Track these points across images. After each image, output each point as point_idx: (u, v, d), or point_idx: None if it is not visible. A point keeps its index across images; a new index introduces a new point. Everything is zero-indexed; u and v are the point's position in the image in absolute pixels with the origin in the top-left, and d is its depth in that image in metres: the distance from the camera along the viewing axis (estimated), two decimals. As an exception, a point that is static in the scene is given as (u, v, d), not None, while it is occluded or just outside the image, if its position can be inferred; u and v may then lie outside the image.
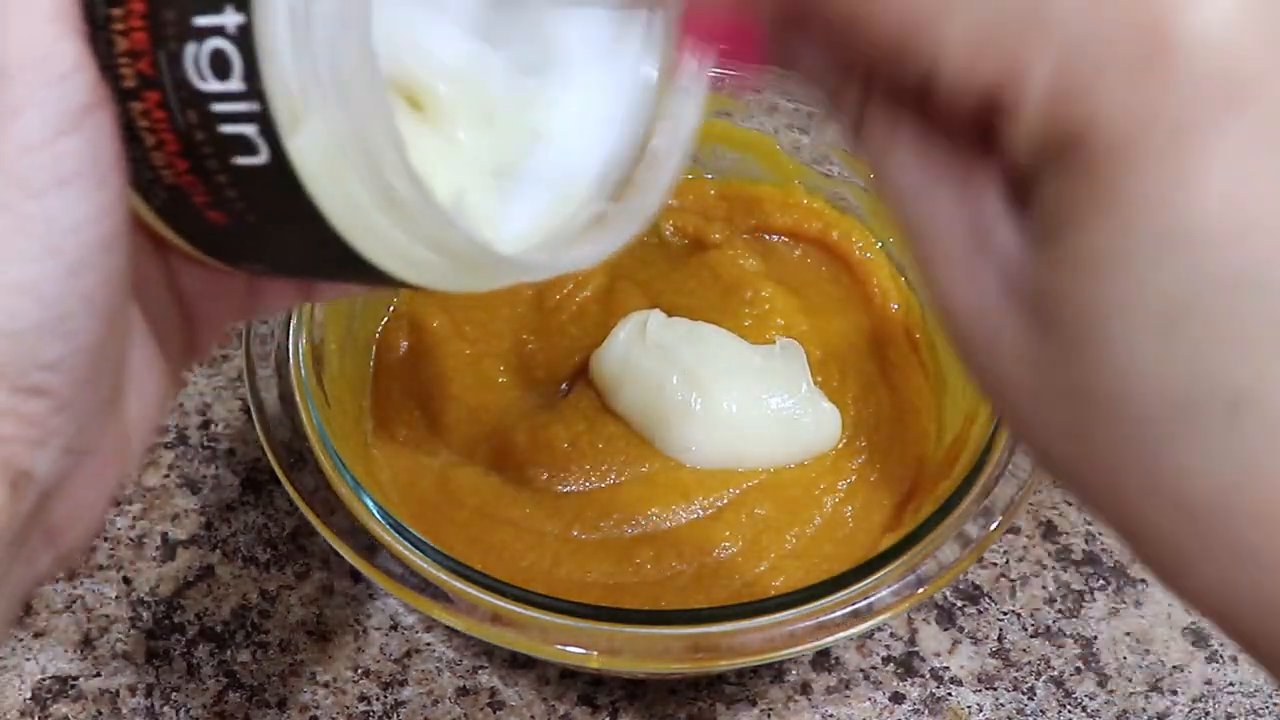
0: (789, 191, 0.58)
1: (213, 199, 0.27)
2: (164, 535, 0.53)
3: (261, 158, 0.26)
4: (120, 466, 0.30)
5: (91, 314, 0.26)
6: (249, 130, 0.25)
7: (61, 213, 0.25)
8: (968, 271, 0.23)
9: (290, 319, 0.48)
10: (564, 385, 0.53)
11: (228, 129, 0.26)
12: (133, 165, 0.27)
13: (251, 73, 0.25)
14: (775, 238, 0.59)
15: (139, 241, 0.30)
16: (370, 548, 0.43)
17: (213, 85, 0.25)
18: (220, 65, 0.25)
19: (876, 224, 0.57)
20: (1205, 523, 0.21)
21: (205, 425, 0.56)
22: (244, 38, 0.24)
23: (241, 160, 0.26)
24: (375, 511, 0.44)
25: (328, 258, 0.28)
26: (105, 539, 0.52)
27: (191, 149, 0.26)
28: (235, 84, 0.25)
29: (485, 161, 0.32)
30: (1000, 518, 0.44)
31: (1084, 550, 0.53)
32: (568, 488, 0.49)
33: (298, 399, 0.46)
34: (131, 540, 0.52)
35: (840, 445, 0.51)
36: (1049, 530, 0.54)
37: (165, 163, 0.27)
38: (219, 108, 0.25)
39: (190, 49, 0.25)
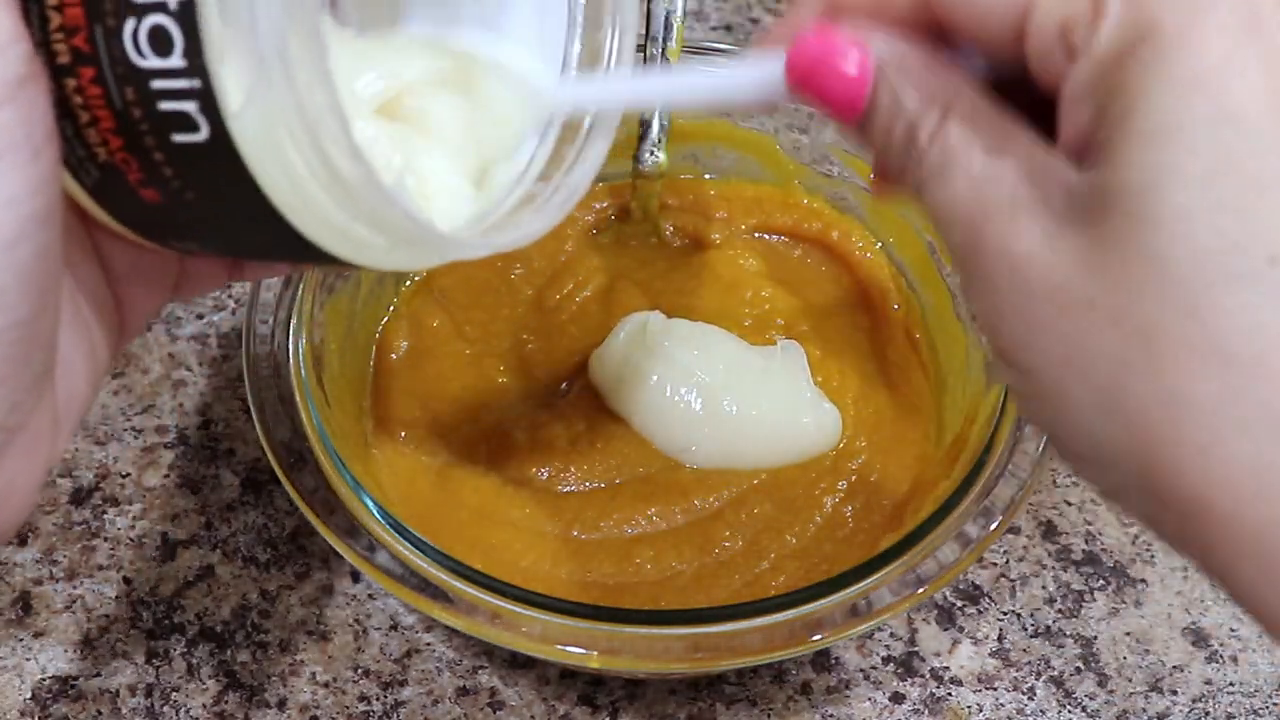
0: (789, 191, 0.58)
1: (147, 177, 0.27)
2: (164, 535, 0.53)
3: (201, 135, 0.25)
4: (51, 445, 0.30)
5: (23, 287, 0.25)
6: (189, 107, 0.25)
7: None
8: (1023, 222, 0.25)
9: (290, 319, 0.48)
10: (564, 385, 0.53)
11: (167, 106, 0.25)
12: (64, 143, 0.26)
13: (193, 49, 0.24)
14: (775, 238, 0.59)
15: (69, 221, 0.29)
16: (370, 548, 0.43)
17: (152, 62, 0.25)
18: (160, 42, 0.24)
19: (876, 224, 0.57)
20: (1239, 376, 0.22)
21: (205, 425, 0.56)
22: (186, 14, 0.24)
23: (180, 138, 0.26)
24: (375, 511, 0.44)
25: (264, 236, 0.28)
26: (105, 539, 0.52)
27: (128, 126, 0.26)
28: (176, 61, 0.25)
29: (423, 142, 0.32)
30: (1000, 518, 0.44)
31: (1084, 550, 0.53)
32: (568, 488, 0.50)
33: (298, 399, 0.46)
34: (131, 540, 0.52)
35: (840, 445, 0.51)
36: (1049, 530, 0.54)
37: (99, 140, 0.26)
38: (158, 85, 0.25)
39: (129, 25, 0.25)
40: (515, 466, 0.50)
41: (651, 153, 0.56)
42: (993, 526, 0.44)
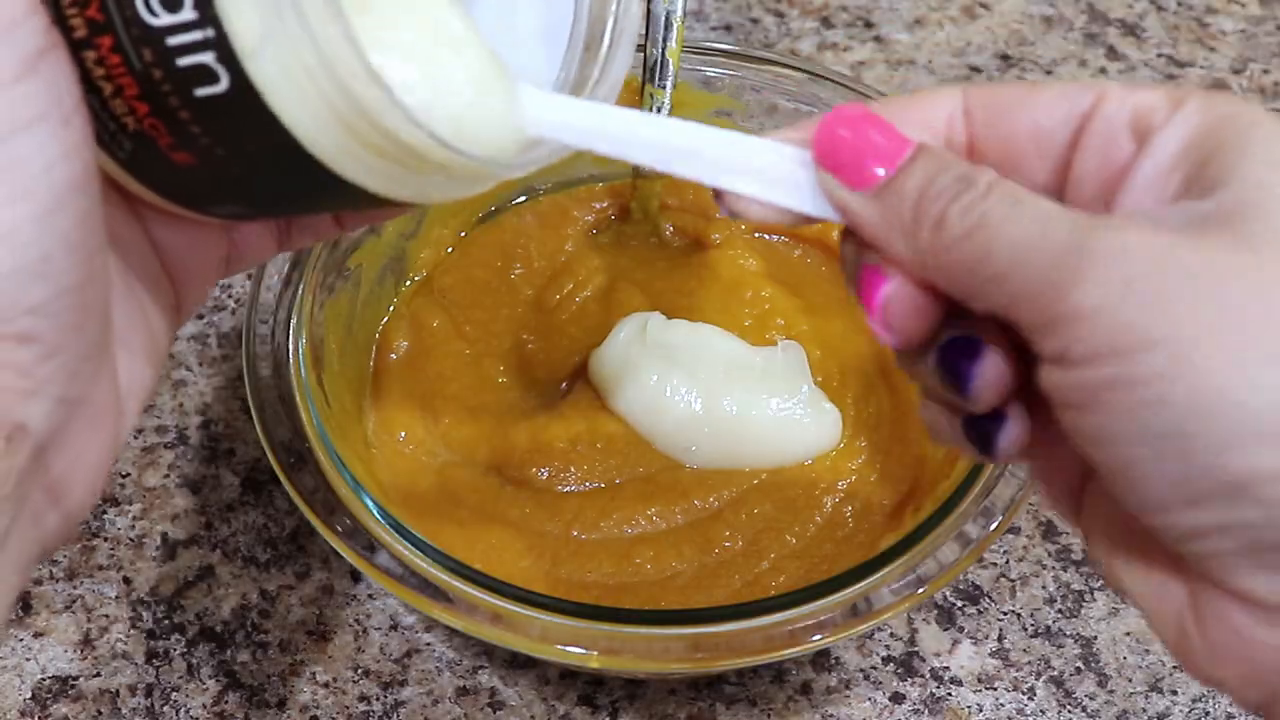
0: (789, 191, 0.58)
1: (178, 139, 0.27)
2: (164, 535, 0.53)
3: (222, 85, 0.26)
4: (117, 422, 0.30)
5: (69, 254, 0.26)
6: (207, 58, 0.25)
7: (30, 155, 0.25)
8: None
9: (290, 319, 0.48)
10: (564, 385, 0.53)
11: (185, 61, 0.25)
12: (94, 119, 0.27)
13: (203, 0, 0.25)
14: (775, 238, 0.59)
15: (112, 200, 0.30)
16: (370, 548, 0.43)
17: (165, 19, 0.25)
18: None
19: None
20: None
21: (205, 425, 0.56)
22: None
23: (203, 91, 0.26)
24: (375, 511, 0.44)
25: (300, 182, 0.28)
26: (105, 539, 0.52)
27: (151, 89, 0.26)
28: (188, 13, 0.25)
29: (449, 67, 0.31)
30: (1000, 518, 0.44)
31: (1084, 550, 0.53)
32: (567, 488, 0.50)
33: (298, 399, 0.46)
34: (131, 540, 0.52)
35: (840, 446, 0.51)
36: (1049, 530, 0.54)
37: (126, 109, 0.27)
38: (174, 40, 0.25)
39: None
40: (515, 466, 0.50)
41: (651, 153, 0.55)
42: (993, 526, 0.44)
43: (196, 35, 0.25)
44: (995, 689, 0.49)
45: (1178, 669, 0.50)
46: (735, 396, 0.50)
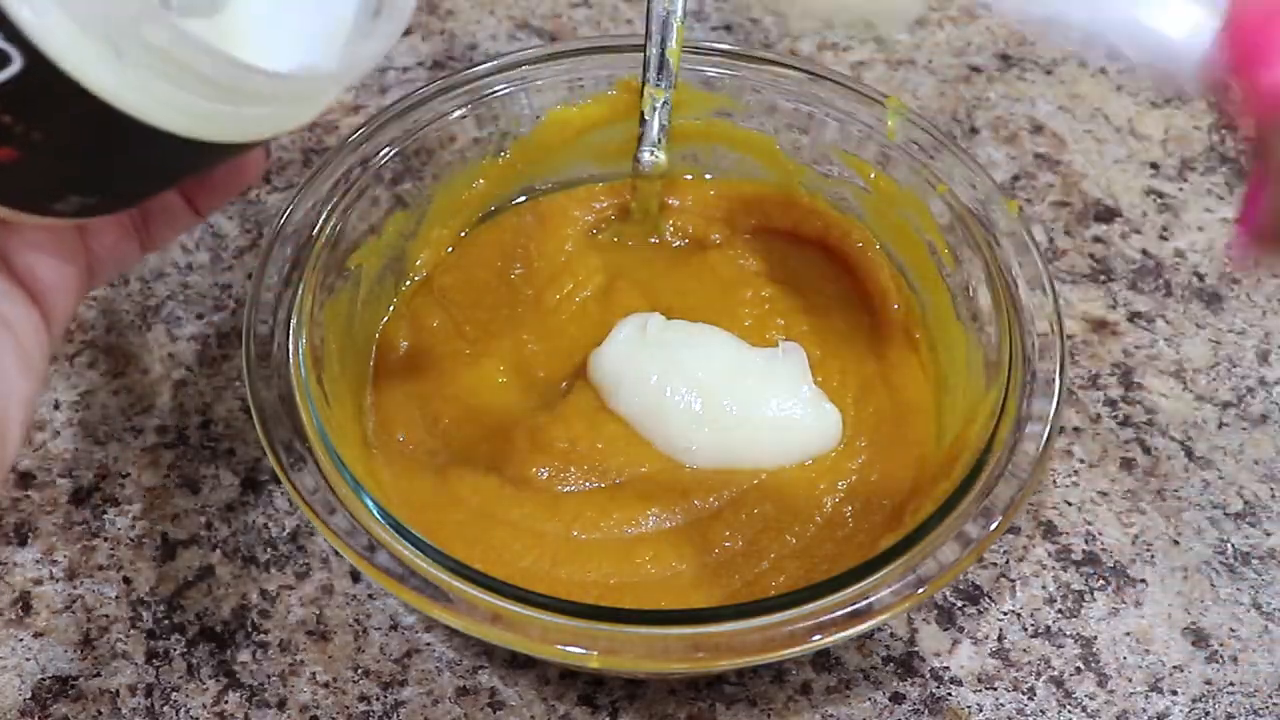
0: (789, 191, 0.58)
1: None
2: (164, 535, 0.53)
3: (17, 64, 0.26)
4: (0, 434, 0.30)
5: None
6: None
7: None
8: None
9: (290, 319, 0.48)
10: (564, 385, 0.53)
11: None
12: None
13: None
14: (775, 237, 0.59)
15: None
16: (370, 548, 0.43)
17: None
18: None
19: (876, 224, 0.57)
20: None
21: (205, 425, 0.56)
22: None
23: (1, 75, 0.26)
24: (375, 511, 0.44)
25: (124, 149, 0.28)
26: (105, 539, 0.52)
27: None
28: None
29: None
30: (1000, 518, 0.44)
31: (1084, 550, 0.53)
32: (567, 488, 0.50)
33: (298, 399, 0.46)
34: (131, 540, 0.52)
35: (840, 446, 0.51)
36: (1049, 530, 0.54)
37: None
38: None
39: None
40: (515, 466, 0.50)
41: (651, 153, 0.56)
42: (993, 526, 0.44)
43: None
44: (995, 689, 0.49)
45: (1178, 669, 0.50)
46: (735, 397, 0.50)
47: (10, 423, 0.32)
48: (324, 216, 0.51)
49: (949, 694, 0.49)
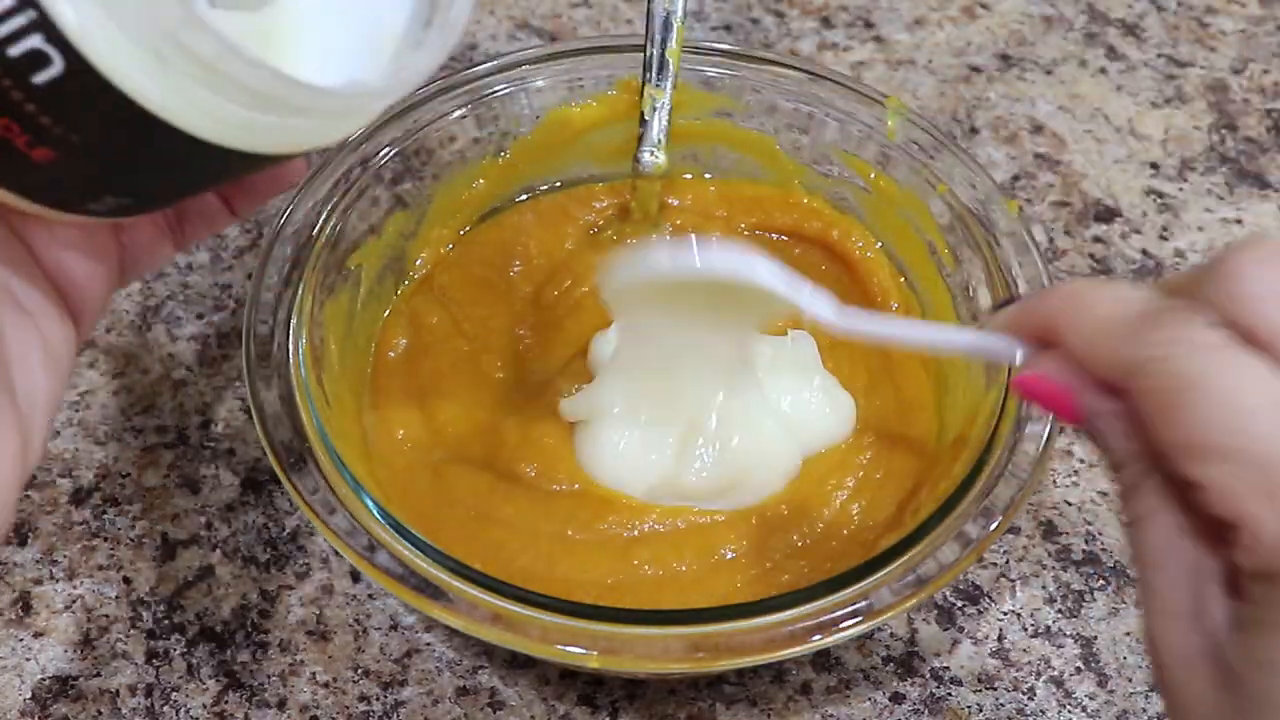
0: (789, 191, 0.58)
1: (32, 135, 0.27)
2: (164, 535, 0.53)
3: (58, 65, 0.26)
4: (19, 441, 0.30)
5: None
6: (36, 42, 0.25)
7: None
8: (1182, 630, 0.29)
9: (290, 319, 0.48)
10: (562, 381, 0.53)
11: (16, 50, 0.25)
12: None
13: None
14: (775, 237, 0.59)
15: None
16: (370, 548, 0.43)
17: None
18: None
19: (876, 224, 0.57)
20: None
21: (205, 425, 0.56)
22: None
23: (41, 77, 0.26)
24: (375, 511, 0.44)
25: (163, 155, 0.28)
26: (105, 539, 0.52)
27: None
28: (7, 1, 0.25)
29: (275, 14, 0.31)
30: (1000, 518, 0.44)
31: (1084, 550, 0.53)
32: (558, 486, 0.49)
33: (298, 399, 0.46)
34: (131, 540, 0.52)
35: (850, 439, 0.51)
36: (1049, 530, 0.54)
37: None
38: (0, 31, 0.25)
39: None
40: (504, 463, 0.50)
41: (651, 153, 0.56)
42: (993, 526, 0.44)
43: (20, 20, 0.25)
44: (995, 689, 0.49)
45: (1178, 669, 0.50)
46: (736, 422, 0.49)
47: (36, 421, 0.31)
48: (324, 216, 0.51)
49: (949, 694, 0.49)
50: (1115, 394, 0.30)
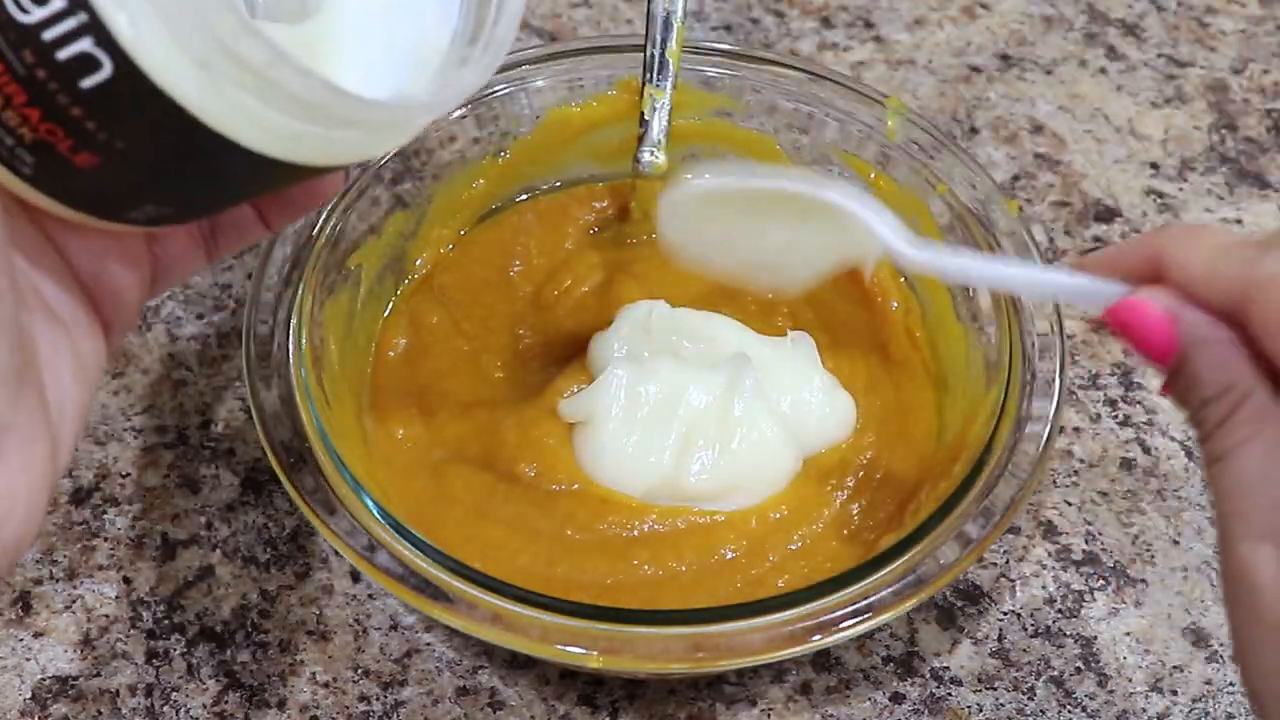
0: (789, 191, 0.58)
1: (77, 140, 0.27)
2: (164, 535, 0.53)
3: (107, 69, 0.25)
4: (50, 451, 0.30)
5: None
6: (86, 45, 0.25)
7: None
8: (1277, 553, 0.29)
9: (290, 319, 0.48)
10: (561, 381, 0.53)
11: (65, 52, 0.25)
12: None
13: None
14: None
15: (20, 223, 0.29)
16: (370, 548, 0.43)
17: (36, 14, 0.25)
18: None
19: (876, 224, 0.57)
20: None
21: (205, 425, 0.56)
22: None
23: (89, 81, 0.26)
24: (375, 511, 0.44)
25: (207, 164, 0.27)
26: (105, 539, 0.52)
27: (39, 92, 0.26)
28: (58, 3, 0.25)
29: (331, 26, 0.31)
30: (1000, 518, 0.44)
31: (1084, 550, 0.53)
32: (557, 486, 0.49)
33: (298, 399, 0.46)
34: (131, 540, 0.52)
35: (850, 439, 0.51)
36: (1049, 530, 0.54)
37: (19, 120, 0.26)
38: (50, 34, 0.25)
39: None
40: (504, 463, 0.50)
41: (651, 153, 0.56)
42: (992, 526, 0.44)
43: (71, 23, 0.25)
44: (995, 689, 0.49)
45: (1178, 669, 0.50)
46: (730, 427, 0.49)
47: (65, 431, 0.31)
48: (324, 216, 0.51)
49: (949, 694, 0.49)
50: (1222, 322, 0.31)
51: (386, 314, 0.55)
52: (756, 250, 0.44)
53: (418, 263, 0.56)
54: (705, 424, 0.48)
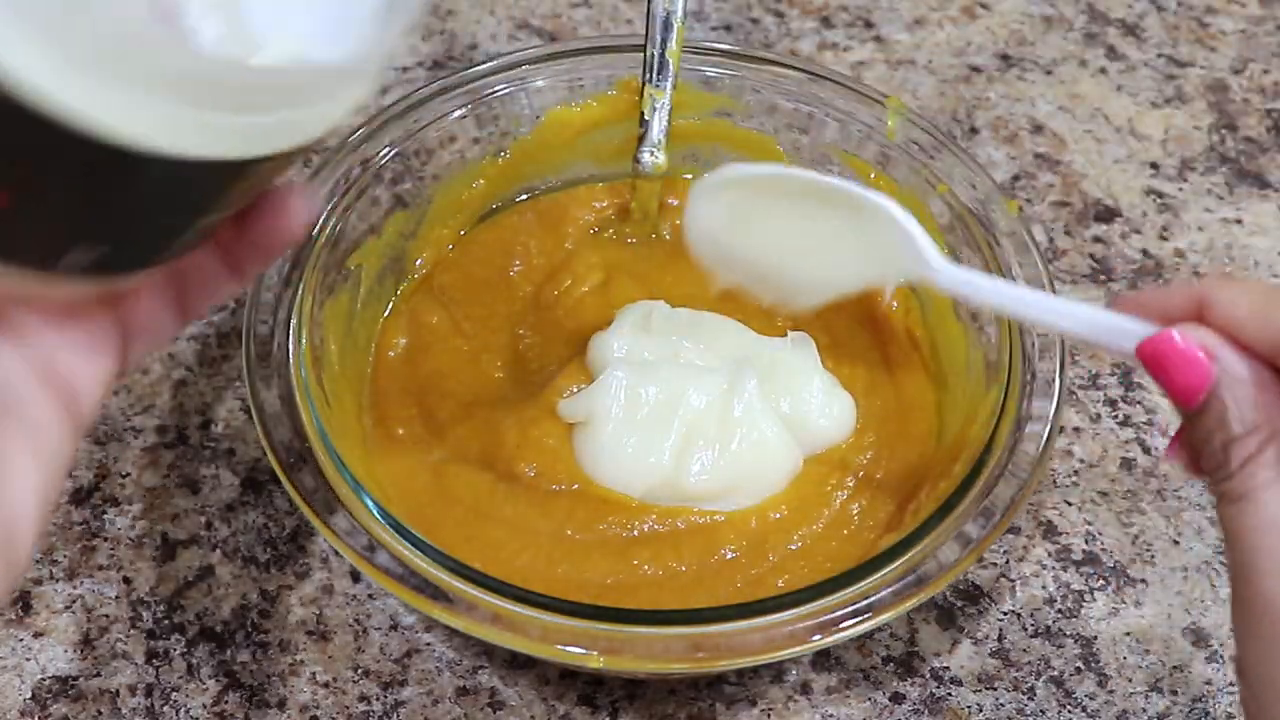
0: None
1: None
2: (164, 535, 0.53)
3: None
4: (9, 544, 0.29)
5: None
6: None
7: None
8: None
9: (290, 319, 0.48)
10: (560, 380, 0.53)
11: None
12: None
13: None
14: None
15: None
16: (370, 548, 0.43)
17: None
18: None
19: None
20: None
21: (205, 425, 0.56)
22: None
23: None
24: (375, 511, 0.44)
25: (117, 178, 0.25)
26: (105, 539, 0.52)
27: None
28: None
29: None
30: (1000, 518, 0.44)
31: (1084, 550, 0.53)
32: (557, 486, 0.49)
33: (298, 399, 0.46)
34: (131, 540, 0.52)
35: (851, 439, 0.51)
36: (1049, 530, 0.54)
37: None
38: None
39: None
40: (504, 462, 0.50)
41: (651, 153, 0.56)
42: (992, 526, 0.44)
43: None
44: (995, 689, 0.49)
45: (1178, 669, 0.50)
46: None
47: (20, 530, 0.29)
48: (324, 216, 0.51)
49: (949, 694, 0.49)
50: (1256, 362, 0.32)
51: (386, 314, 0.55)
52: (780, 255, 0.44)
53: (418, 263, 0.56)
54: (705, 424, 0.48)
